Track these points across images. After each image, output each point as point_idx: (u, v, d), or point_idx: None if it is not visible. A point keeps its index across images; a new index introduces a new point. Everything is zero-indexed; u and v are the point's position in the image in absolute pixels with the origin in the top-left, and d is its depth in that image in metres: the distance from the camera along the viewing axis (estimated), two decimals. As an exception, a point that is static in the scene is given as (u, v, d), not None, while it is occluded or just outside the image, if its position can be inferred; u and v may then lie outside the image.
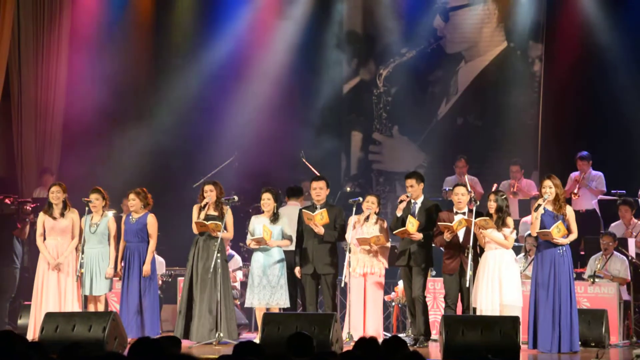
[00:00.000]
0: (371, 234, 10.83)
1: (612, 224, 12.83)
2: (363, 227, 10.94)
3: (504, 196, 10.64)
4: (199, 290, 10.86)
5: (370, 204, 10.97)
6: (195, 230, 11.00)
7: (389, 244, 11.09)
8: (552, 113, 15.31)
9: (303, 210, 11.12)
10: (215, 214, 10.94)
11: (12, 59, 14.79)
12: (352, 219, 11.06)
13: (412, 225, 10.61)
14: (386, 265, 11.03)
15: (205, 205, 10.94)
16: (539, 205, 10.20)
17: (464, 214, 10.56)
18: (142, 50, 15.80)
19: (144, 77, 15.75)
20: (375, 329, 10.74)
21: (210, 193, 10.97)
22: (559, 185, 10.29)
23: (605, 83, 14.66)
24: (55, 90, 15.21)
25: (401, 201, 10.91)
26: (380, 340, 6.99)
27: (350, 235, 10.93)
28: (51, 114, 15.19)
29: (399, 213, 10.88)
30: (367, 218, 10.93)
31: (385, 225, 11.03)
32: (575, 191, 13.75)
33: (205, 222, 10.81)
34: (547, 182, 10.25)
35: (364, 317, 10.81)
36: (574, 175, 14.03)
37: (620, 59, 14.59)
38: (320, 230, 10.93)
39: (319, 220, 10.87)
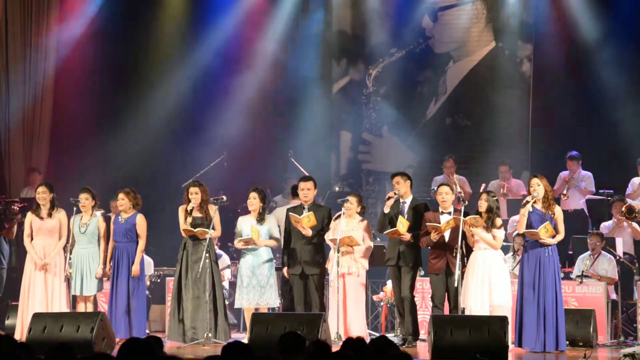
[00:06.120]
0: (350, 234, 10.74)
1: (603, 224, 12.85)
2: (346, 227, 10.82)
3: (495, 197, 10.64)
4: (189, 292, 10.81)
5: (349, 204, 10.91)
6: (183, 234, 10.99)
7: (371, 244, 11.00)
8: (542, 113, 15.33)
9: (290, 213, 11.08)
10: (201, 215, 10.90)
11: (-1, 57, 14.78)
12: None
13: (402, 225, 10.56)
14: (366, 267, 10.93)
15: (191, 210, 10.89)
16: (527, 202, 10.22)
17: (449, 213, 10.55)
18: (131, 47, 15.76)
19: (134, 75, 15.69)
20: (360, 330, 10.66)
21: (195, 196, 10.90)
22: (547, 185, 10.34)
23: (596, 83, 14.69)
24: (44, 89, 15.16)
25: (389, 198, 10.86)
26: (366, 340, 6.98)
27: (330, 235, 10.89)
28: (39, 113, 15.14)
29: (386, 210, 10.83)
30: (338, 217, 10.85)
31: (368, 225, 10.99)
32: (565, 192, 13.77)
33: (192, 229, 10.79)
34: (535, 181, 10.31)
35: (344, 317, 10.74)
36: (563, 174, 14.05)
37: (610, 58, 14.59)
38: (308, 232, 10.88)
39: (306, 223, 10.81)
